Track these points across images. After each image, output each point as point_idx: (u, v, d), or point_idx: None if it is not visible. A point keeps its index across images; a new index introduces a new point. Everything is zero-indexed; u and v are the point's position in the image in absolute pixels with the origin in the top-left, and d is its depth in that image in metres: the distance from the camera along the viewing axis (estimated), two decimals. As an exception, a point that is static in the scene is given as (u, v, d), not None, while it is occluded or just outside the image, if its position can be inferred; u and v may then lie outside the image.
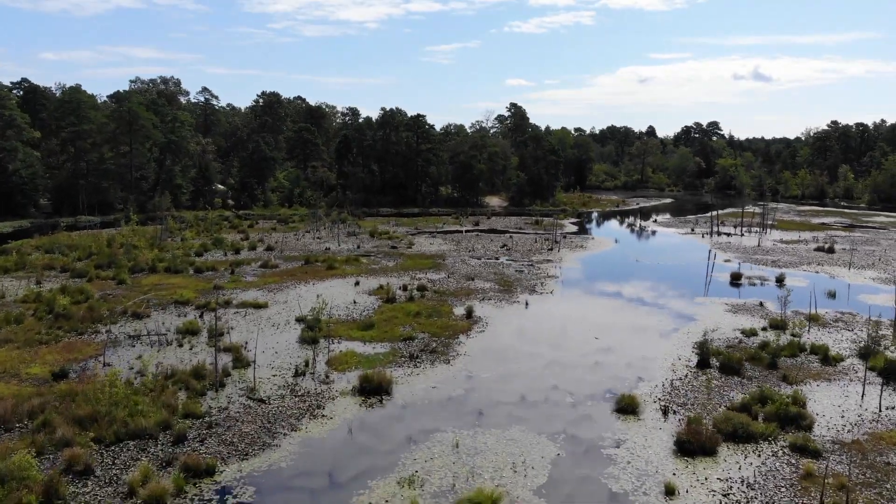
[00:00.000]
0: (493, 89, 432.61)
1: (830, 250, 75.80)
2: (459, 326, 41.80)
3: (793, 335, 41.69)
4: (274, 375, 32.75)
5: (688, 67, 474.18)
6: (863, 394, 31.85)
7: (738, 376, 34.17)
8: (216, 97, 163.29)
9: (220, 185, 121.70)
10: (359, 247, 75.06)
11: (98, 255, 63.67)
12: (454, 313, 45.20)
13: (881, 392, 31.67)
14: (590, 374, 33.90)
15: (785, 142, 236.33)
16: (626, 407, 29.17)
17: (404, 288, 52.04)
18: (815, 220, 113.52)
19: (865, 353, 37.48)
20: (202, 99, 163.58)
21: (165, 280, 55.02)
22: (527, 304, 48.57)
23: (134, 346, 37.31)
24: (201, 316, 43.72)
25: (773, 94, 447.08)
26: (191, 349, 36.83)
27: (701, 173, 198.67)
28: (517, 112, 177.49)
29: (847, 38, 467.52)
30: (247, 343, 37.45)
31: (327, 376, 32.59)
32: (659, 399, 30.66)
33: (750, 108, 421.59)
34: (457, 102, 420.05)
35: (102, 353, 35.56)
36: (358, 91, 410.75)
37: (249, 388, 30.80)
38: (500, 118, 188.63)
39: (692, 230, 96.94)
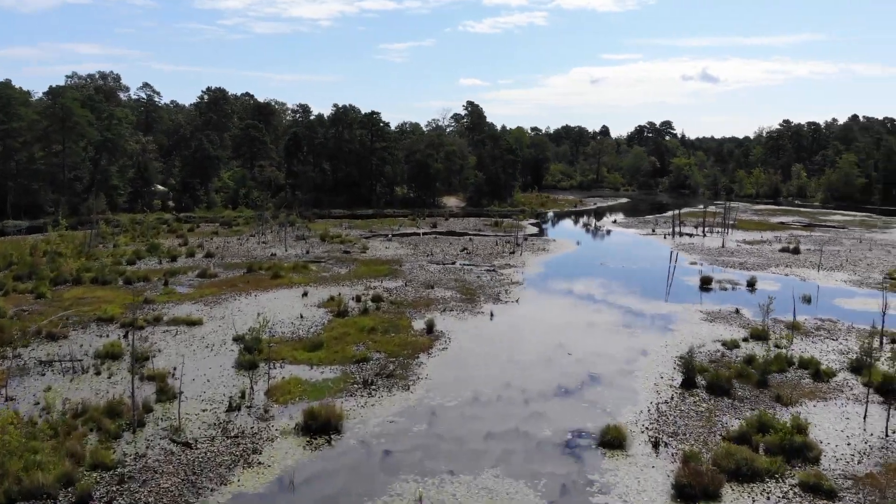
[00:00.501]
0: (447, 88, 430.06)
1: (796, 251, 74.13)
2: (419, 343, 37.71)
3: (776, 346, 38.89)
4: (204, 410, 28.18)
5: (638, 68, 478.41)
6: (865, 415, 28.92)
7: (729, 397, 30.94)
8: (158, 93, 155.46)
9: (160, 186, 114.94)
10: (308, 252, 70.22)
11: (18, 265, 57.60)
12: (413, 327, 41.11)
13: (888, 415, 28.55)
14: (567, 399, 30.24)
15: (735, 141, 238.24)
16: (613, 440, 25.53)
17: (357, 299, 47.71)
18: (774, 220, 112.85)
19: (858, 367, 34.85)
20: (143, 95, 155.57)
21: (90, 293, 49.53)
22: (491, 314, 44.76)
23: (44, 375, 32.29)
24: (126, 336, 38.73)
25: (719, 95, 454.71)
26: (109, 378, 31.98)
27: (655, 172, 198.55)
28: (474, 111, 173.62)
29: (795, 39, 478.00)
30: (175, 369, 32.77)
31: (266, 410, 28.14)
32: (646, 428, 27.16)
33: (697, 108, 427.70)
34: (410, 101, 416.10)
35: (5, 383, 30.46)
36: (310, 89, 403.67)
37: (173, 428, 26.19)
38: (456, 117, 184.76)
39: (653, 231, 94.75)
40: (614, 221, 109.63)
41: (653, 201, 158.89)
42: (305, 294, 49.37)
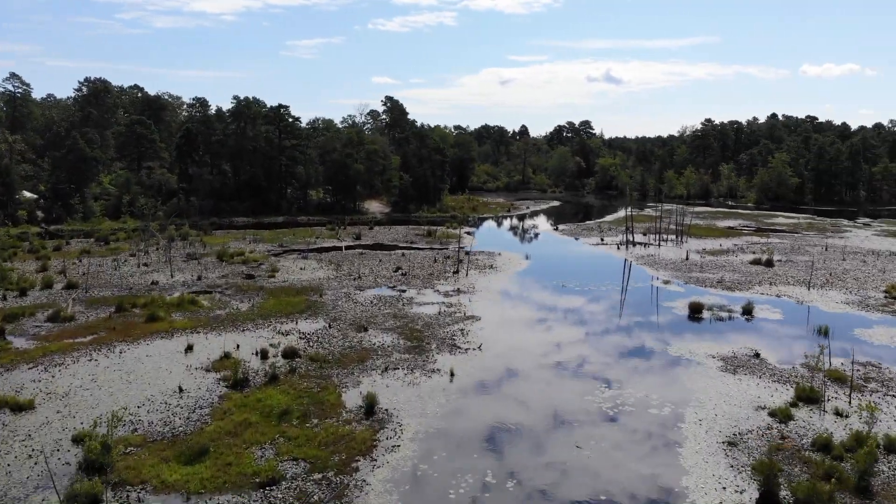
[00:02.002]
0: (360, 86, 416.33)
1: (769, 263, 66.01)
2: (356, 439, 25.47)
3: (837, 414, 29.06)
4: None
5: (545, 70, 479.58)
6: None
7: (836, 525, 20.48)
8: (28, 85, 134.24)
9: (28, 193, 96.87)
10: (200, 278, 55.91)
11: None
12: (345, 405, 28.80)
13: None
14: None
15: (650, 140, 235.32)
16: None
17: (263, 355, 34.84)
18: (720, 224, 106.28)
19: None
20: (11, 87, 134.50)
21: None
22: (451, 373, 32.95)
23: None
24: None
25: (624, 96, 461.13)
26: None
27: (581, 173, 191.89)
28: (394, 106, 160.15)
29: (690, 42, 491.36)
30: (-42, 512, 19.53)
31: None
32: None
33: (603, 109, 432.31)
34: (323, 99, 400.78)
35: None
36: (213, 86, 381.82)
37: None
38: (373, 113, 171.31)
39: (602, 240, 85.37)
40: (556, 229, 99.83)
41: (584, 203, 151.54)
42: (190, 348, 35.89)
